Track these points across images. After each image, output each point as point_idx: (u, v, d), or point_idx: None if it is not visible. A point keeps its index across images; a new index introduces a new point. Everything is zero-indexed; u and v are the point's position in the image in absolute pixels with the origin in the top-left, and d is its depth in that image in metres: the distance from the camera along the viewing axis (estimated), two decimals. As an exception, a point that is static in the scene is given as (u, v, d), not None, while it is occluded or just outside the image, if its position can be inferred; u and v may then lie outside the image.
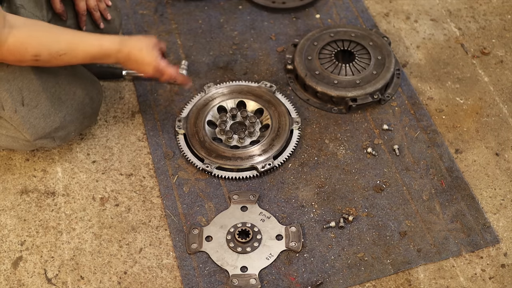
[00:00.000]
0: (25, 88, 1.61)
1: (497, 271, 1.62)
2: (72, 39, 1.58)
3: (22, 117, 1.61)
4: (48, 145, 1.73)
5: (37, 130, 1.65)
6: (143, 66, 1.67)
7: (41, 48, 1.52)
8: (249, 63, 2.07)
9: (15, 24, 1.48)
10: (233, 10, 2.21)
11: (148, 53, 1.66)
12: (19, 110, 1.61)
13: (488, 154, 1.85)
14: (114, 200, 1.76)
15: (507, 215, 1.72)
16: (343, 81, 1.94)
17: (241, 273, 1.61)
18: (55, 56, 1.55)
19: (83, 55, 1.60)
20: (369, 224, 1.70)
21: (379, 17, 2.22)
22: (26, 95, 1.61)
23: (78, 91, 1.72)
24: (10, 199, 1.77)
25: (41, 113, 1.63)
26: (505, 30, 2.17)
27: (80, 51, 1.59)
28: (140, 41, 1.67)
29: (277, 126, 1.86)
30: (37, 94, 1.62)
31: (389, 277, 1.61)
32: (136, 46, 1.65)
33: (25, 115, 1.62)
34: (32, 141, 1.67)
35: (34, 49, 1.51)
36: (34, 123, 1.63)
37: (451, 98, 1.98)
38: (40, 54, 1.52)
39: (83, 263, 1.65)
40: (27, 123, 1.62)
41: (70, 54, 1.57)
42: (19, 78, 1.60)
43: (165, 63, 1.70)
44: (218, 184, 1.79)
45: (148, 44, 1.67)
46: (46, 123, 1.65)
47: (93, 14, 1.83)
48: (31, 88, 1.61)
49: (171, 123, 1.92)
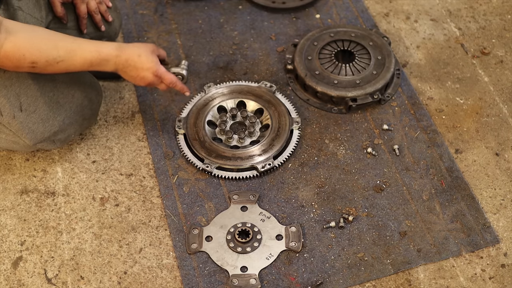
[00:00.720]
0: (23, 93, 1.60)
1: (497, 271, 1.62)
2: (70, 46, 1.56)
3: (20, 123, 1.61)
4: (48, 148, 1.74)
5: (36, 135, 1.64)
6: (142, 71, 1.65)
7: (39, 55, 1.50)
8: (249, 63, 2.07)
9: (12, 30, 1.46)
10: (233, 10, 2.22)
11: (147, 59, 1.65)
12: (18, 115, 1.60)
13: (488, 154, 1.85)
14: (114, 200, 1.76)
15: (507, 215, 1.72)
16: (343, 81, 1.94)
17: (241, 273, 1.61)
18: (52, 64, 1.53)
19: (81, 61, 1.58)
20: (369, 224, 1.70)
21: (379, 17, 2.22)
22: (24, 100, 1.60)
23: (77, 94, 1.71)
24: (10, 199, 1.77)
25: (39, 118, 1.63)
26: (505, 30, 2.17)
27: (78, 57, 1.57)
28: (139, 47, 1.65)
29: (277, 126, 1.86)
30: (35, 99, 1.62)
31: (389, 277, 1.61)
32: (135, 52, 1.64)
33: (23, 121, 1.61)
34: (31, 146, 1.67)
35: (32, 56, 1.49)
36: (33, 128, 1.63)
37: (451, 98, 1.98)
38: (37, 61, 1.51)
39: (83, 263, 1.65)
40: (26, 128, 1.62)
41: (68, 61, 1.55)
42: (17, 84, 1.59)
43: (164, 69, 1.69)
44: (218, 184, 1.79)
45: (146, 50, 1.66)
46: (45, 128, 1.65)
47: (94, 17, 1.82)
48: (29, 93, 1.61)
49: (171, 123, 1.92)
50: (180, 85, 1.76)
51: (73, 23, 1.80)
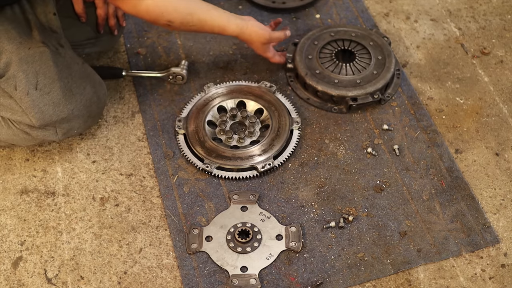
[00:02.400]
0: (42, 73, 1.64)
1: (497, 271, 1.62)
2: (203, 16, 1.73)
3: (32, 101, 1.63)
4: (49, 138, 1.73)
5: (44, 116, 1.66)
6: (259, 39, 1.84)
7: (176, 16, 1.68)
8: (249, 63, 2.07)
9: None
10: (233, 10, 2.21)
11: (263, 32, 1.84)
12: (32, 93, 1.63)
13: (488, 154, 1.85)
14: (114, 200, 1.76)
15: (507, 215, 1.72)
16: (344, 81, 1.94)
17: (241, 273, 1.61)
18: (186, 26, 1.72)
19: (209, 30, 1.78)
20: (369, 224, 1.70)
21: (379, 17, 2.22)
22: (41, 80, 1.64)
23: (88, 88, 1.74)
24: (10, 199, 1.77)
25: (51, 100, 1.65)
26: (505, 30, 2.17)
27: (208, 28, 1.76)
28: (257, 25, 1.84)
29: (277, 126, 1.86)
30: (52, 81, 1.65)
31: (389, 277, 1.61)
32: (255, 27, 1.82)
33: (36, 99, 1.64)
34: (36, 126, 1.68)
35: (170, 16, 1.66)
36: (43, 109, 1.65)
37: (451, 98, 1.98)
38: (173, 21, 1.68)
39: (83, 263, 1.65)
40: (36, 107, 1.64)
41: (198, 27, 1.74)
42: (38, 62, 1.63)
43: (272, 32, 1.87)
44: (218, 184, 1.79)
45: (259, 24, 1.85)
46: (54, 111, 1.67)
47: (110, 19, 1.92)
48: (48, 74, 1.64)
49: (171, 123, 1.92)
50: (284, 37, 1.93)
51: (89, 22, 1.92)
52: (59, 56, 1.69)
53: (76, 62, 1.75)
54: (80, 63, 1.77)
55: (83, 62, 1.80)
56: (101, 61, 2.08)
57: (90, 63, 2.05)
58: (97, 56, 2.07)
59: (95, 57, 2.07)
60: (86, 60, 2.05)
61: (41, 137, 1.73)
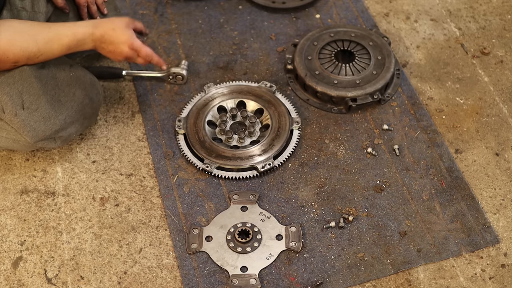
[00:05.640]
0: (25, 91, 1.61)
1: (497, 271, 1.62)
2: (47, 36, 1.59)
3: (22, 121, 1.61)
4: (49, 146, 1.73)
5: (38, 133, 1.64)
6: (118, 45, 1.68)
7: (21, 54, 1.55)
8: (249, 63, 2.07)
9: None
10: (233, 10, 2.22)
11: (122, 32, 1.68)
12: (20, 113, 1.61)
13: (488, 154, 1.85)
14: (114, 200, 1.76)
15: (507, 215, 1.72)
16: (343, 81, 1.94)
17: (241, 273, 1.61)
18: (33, 59, 1.59)
19: (60, 49, 1.62)
20: (369, 224, 1.70)
21: (379, 17, 2.22)
22: (26, 98, 1.61)
23: (78, 92, 1.72)
24: (10, 199, 1.77)
25: (41, 116, 1.63)
26: (505, 30, 2.17)
27: (56, 46, 1.61)
28: (113, 22, 1.69)
29: (277, 126, 1.86)
30: (37, 98, 1.62)
31: (389, 277, 1.61)
32: (109, 26, 1.67)
33: (25, 119, 1.61)
34: (32, 144, 1.67)
35: (15, 56, 1.55)
36: (35, 126, 1.63)
37: (451, 98, 1.98)
38: (19, 60, 1.57)
39: (83, 263, 1.65)
40: (28, 126, 1.62)
41: (47, 53, 1.61)
42: (19, 82, 1.60)
43: (140, 42, 1.72)
44: (218, 184, 1.79)
45: (121, 23, 1.69)
46: (46, 126, 1.65)
47: (90, 7, 1.86)
48: (31, 91, 1.62)
49: (171, 123, 1.92)
50: (156, 58, 1.79)
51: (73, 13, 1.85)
52: (41, 69, 1.65)
53: (62, 69, 1.71)
54: (68, 68, 1.72)
55: (72, 65, 1.75)
56: (101, 61, 2.08)
57: (90, 63, 2.05)
58: (97, 56, 2.07)
59: (95, 57, 2.07)
60: (86, 61, 2.05)
61: (41, 146, 1.73)
